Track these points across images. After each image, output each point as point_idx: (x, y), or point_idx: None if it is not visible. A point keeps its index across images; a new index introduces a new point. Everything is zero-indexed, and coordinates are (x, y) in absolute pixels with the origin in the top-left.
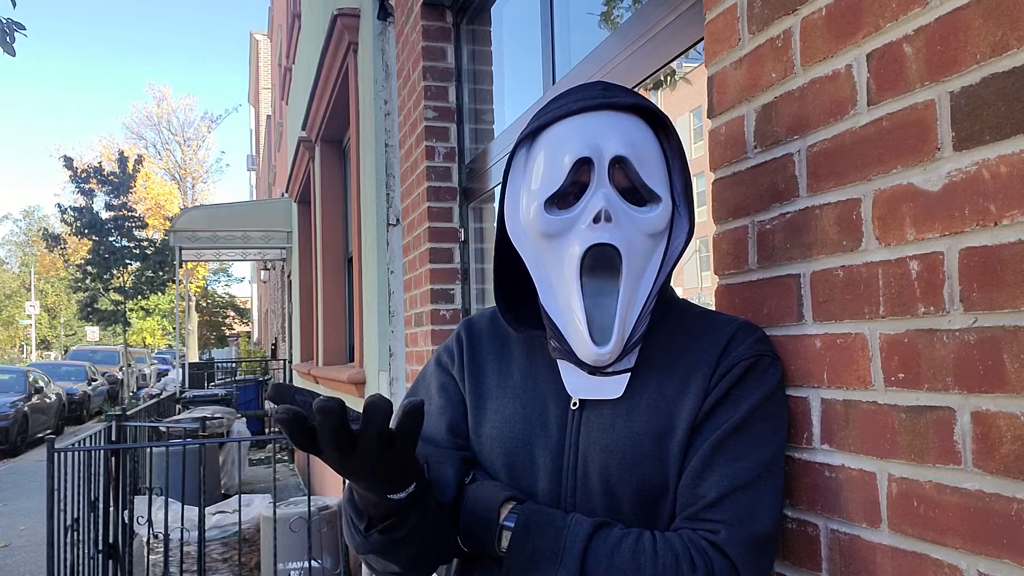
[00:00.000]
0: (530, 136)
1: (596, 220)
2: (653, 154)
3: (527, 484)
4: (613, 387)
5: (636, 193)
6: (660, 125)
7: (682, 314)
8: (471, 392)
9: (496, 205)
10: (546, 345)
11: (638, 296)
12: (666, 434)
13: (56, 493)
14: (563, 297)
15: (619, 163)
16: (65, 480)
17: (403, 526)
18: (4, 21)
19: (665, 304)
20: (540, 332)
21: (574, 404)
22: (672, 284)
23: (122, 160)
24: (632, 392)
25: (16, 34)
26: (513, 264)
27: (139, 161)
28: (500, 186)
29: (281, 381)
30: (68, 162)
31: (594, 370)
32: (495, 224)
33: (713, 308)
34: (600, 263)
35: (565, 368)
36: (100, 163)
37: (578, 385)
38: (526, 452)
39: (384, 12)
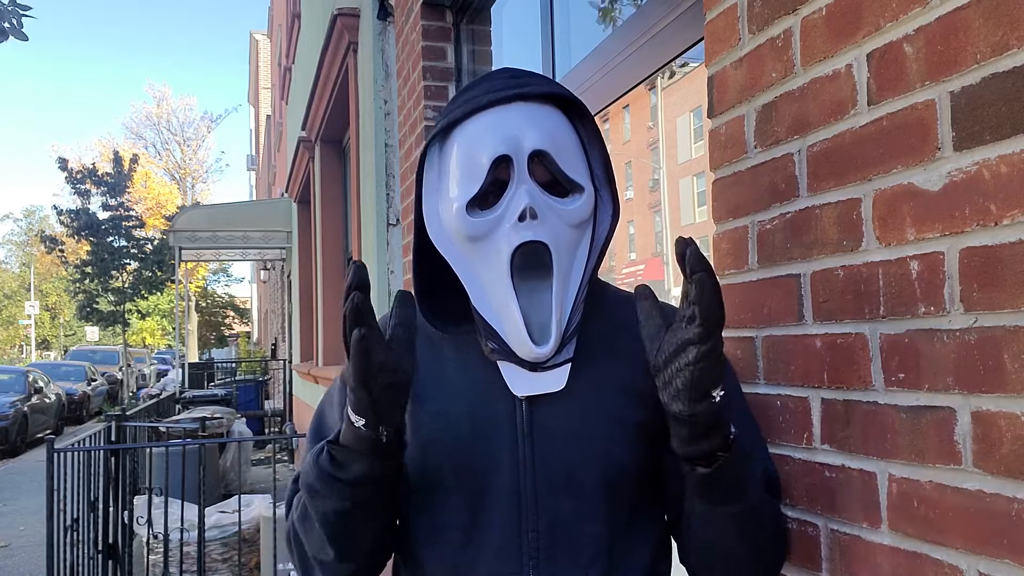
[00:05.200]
0: (440, 134)
1: (521, 218)
2: (571, 143)
3: (482, 483)
4: (555, 380)
5: (558, 185)
6: (574, 109)
7: (612, 298)
8: None
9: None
10: (477, 342)
11: (570, 287)
12: (624, 415)
13: (56, 493)
14: (496, 299)
15: (538, 156)
16: (65, 480)
17: (385, 472)
18: (8, 5)
19: (596, 290)
20: (469, 328)
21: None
22: (673, 284)
23: (117, 160)
24: (579, 379)
25: (24, 18)
26: (431, 263)
27: (134, 160)
28: (416, 189)
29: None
30: (62, 163)
31: (534, 366)
32: (413, 228)
33: None
34: (530, 261)
35: (505, 368)
36: (95, 164)
37: (520, 383)
38: (477, 451)
39: (384, 12)
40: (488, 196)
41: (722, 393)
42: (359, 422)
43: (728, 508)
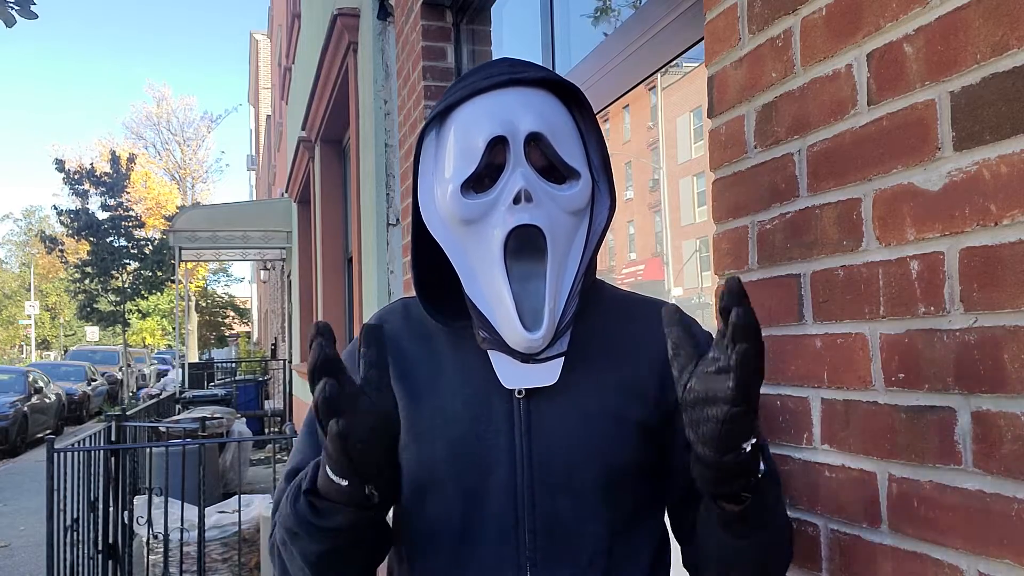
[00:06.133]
0: (437, 118)
1: (516, 201)
2: (568, 129)
3: (479, 482)
4: (548, 373)
5: (554, 171)
6: (572, 99)
7: (611, 296)
8: (400, 395)
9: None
10: (475, 337)
11: (565, 276)
12: (623, 415)
13: (56, 493)
14: (489, 284)
15: (534, 140)
16: (65, 480)
17: (373, 520)
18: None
19: (593, 286)
20: (468, 323)
21: (519, 393)
22: (673, 284)
23: (114, 159)
24: (578, 376)
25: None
26: (430, 255)
27: (131, 160)
28: (412, 174)
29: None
30: (59, 164)
31: (527, 358)
32: (411, 216)
33: (710, 306)
34: (524, 245)
35: (496, 358)
36: (92, 164)
37: (512, 375)
38: (474, 448)
39: (384, 12)
40: (483, 179)
41: (753, 442)
42: (342, 483)
43: (750, 540)
